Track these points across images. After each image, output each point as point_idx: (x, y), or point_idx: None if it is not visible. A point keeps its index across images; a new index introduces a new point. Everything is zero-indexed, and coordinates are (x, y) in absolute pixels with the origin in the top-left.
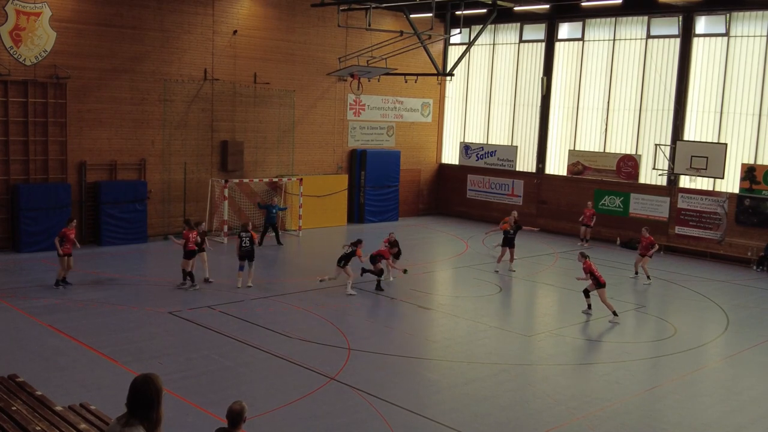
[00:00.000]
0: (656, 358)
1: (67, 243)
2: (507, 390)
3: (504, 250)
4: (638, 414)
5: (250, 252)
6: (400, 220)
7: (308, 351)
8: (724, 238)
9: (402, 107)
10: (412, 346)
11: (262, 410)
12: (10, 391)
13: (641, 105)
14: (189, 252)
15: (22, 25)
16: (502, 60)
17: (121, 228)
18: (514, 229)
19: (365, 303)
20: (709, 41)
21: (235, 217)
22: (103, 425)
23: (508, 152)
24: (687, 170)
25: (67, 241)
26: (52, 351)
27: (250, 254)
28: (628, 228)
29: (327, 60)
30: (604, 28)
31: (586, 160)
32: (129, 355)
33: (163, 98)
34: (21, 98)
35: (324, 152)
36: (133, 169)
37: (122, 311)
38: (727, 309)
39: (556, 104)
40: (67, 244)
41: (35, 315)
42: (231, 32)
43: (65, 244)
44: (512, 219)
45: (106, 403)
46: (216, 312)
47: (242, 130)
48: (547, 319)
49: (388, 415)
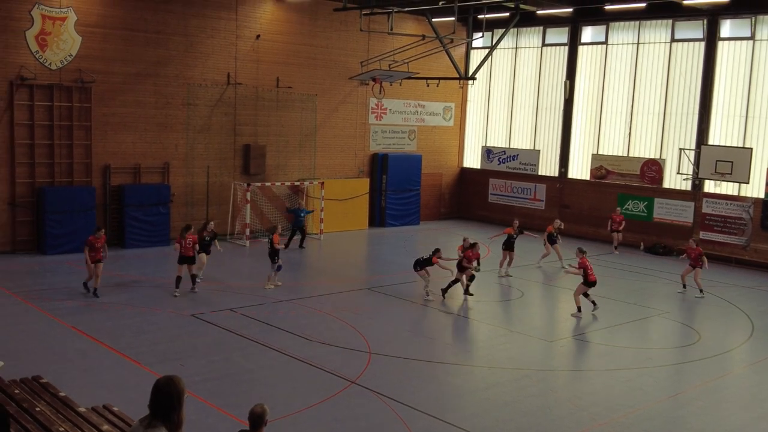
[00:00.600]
0: (680, 364)
1: (93, 251)
2: (529, 395)
3: (505, 254)
4: (661, 421)
5: (269, 255)
6: (422, 224)
7: (329, 354)
8: (749, 243)
9: (424, 111)
10: (433, 350)
11: (282, 413)
12: (34, 392)
13: (665, 109)
14: (181, 257)
15: (48, 30)
16: (525, 64)
17: (144, 231)
18: (517, 234)
19: (386, 307)
20: (734, 45)
21: (257, 221)
22: (126, 427)
23: (530, 156)
24: (712, 175)
25: (93, 250)
26: (75, 352)
27: (270, 257)
28: (651, 233)
29: (349, 64)
30: (627, 32)
31: (610, 165)
32: (152, 357)
33: (187, 102)
34: (46, 102)
35: (345, 156)
36: (156, 173)
37: (145, 313)
38: (752, 315)
39: (579, 108)
40: (92, 252)
41: (59, 317)
42: (254, 37)
43: (92, 252)
44: (515, 224)
45: (128, 404)
46: (238, 315)
47: (264, 134)
48: (569, 324)
49: (409, 420)
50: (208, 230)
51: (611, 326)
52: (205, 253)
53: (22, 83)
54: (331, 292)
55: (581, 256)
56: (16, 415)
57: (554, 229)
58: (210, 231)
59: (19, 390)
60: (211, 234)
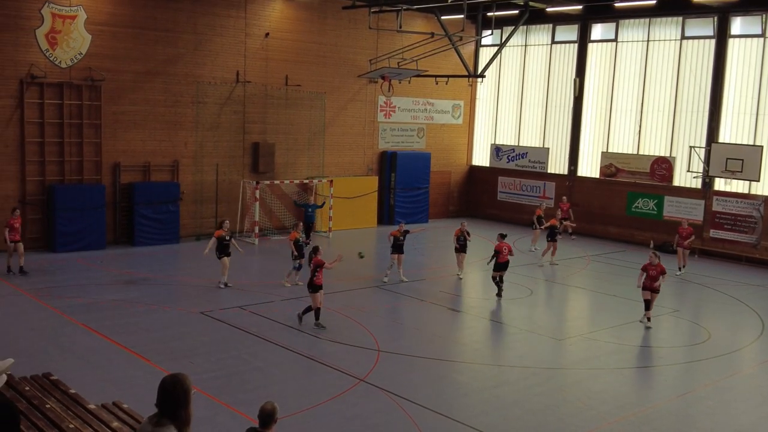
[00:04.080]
0: (690, 363)
1: (12, 232)
2: (537, 394)
3: (549, 244)
4: (671, 419)
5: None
6: (430, 222)
7: (338, 352)
8: (759, 241)
9: (433, 109)
10: (442, 349)
11: (291, 411)
12: (44, 389)
13: (675, 107)
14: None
15: (58, 28)
16: (534, 61)
17: (154, 228)
18: (561, 224)
19: (394, 305)
20: (745, 42)
21: (266, 219)
22: (136, 424)
23: (539, 154)
24: (722, 173)
25: (13, 231)
26: (85, 350)
27: (293, 253)
28: (661, 231)
29: (358, 62)
30: (637, 29)
31: (620, 162)
32: (161, 354)
33: (196, 100)
34: (56, 100)
35: (354, 154)
36: (166, 171)
37: (155, 311)
38: (763, 314)
39: (589, 106)
40: (12, 233)
41: (70, 314)
42: (263, 35)
43: (11, 233)
44: (558, 215)
45: (138, 401)
46: (247, 312)
47: (273, 132)
48: (578, 322)
49: (417, 418)
50: (225, 229)
51: (620, 324)
52: (226, 256)
53: (32, 81)
54: (340, 290)
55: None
56: (26, 412)
57: (557, 221)
58: (227, 230)
59: (30, 387)
60: (228, 233)
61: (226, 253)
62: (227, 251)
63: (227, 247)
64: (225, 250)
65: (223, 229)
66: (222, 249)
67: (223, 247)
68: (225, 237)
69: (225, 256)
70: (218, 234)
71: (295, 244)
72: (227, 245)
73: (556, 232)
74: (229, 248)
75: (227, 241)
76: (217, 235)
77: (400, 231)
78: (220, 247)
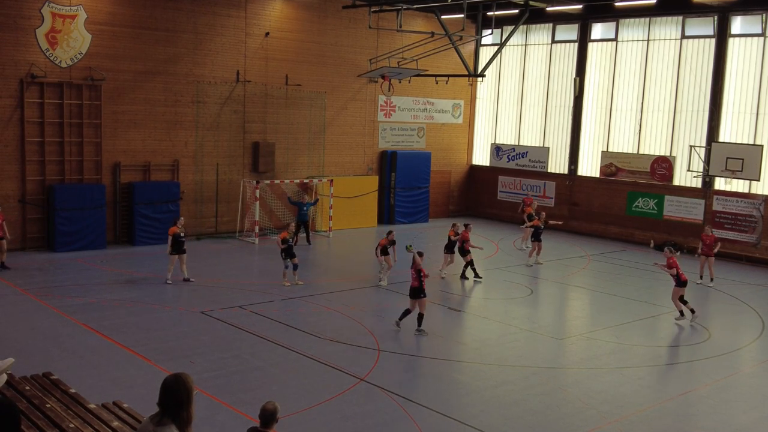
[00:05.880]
0: (690, 362)
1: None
2: (537, 393)
3: (534, 245)
4: (671, 419)
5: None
6: (431, 222)
7: (338, 352)
8: (759, 241)
9: (433, 108)
10: (442, 348)
11: (292, 410)
12: (44, 388)
13: (676, 106)
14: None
15: (58, 28)
16: (534, 61)
17: (154, 228)
18: (544, 225)
19: (395, 304)
20: (745, 41)
21: (267, 218)
22: (136, 423)
23: (539, 153)
24: (722, 172)
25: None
26: (86, 349)
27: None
28: (661, 230)
29: (358, 62)
30: (637, 29)
31: (620, 162)
32: (161, 354)
33: (196, 100)
34: (56, 100)
35: (354, 153)
36: (166, 170)
37: (155, 310)
38: (763, 313)
39: (589, 105)
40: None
41: (70, 314)
42: (263, 34)
43: None
44: (543, 216)
45: (138, 401)
46: (247, 312)
47: (273, 132)
48: (578, 322)
49: (417, 417)
50: (179, 226)
51: (621, 324)
52: (180, 253)
53: (32, 81)
54: (340, 290)
55: (671, 255)
56: (26, 412)
57: (541, 222)
58: (181, 227)
59: (30, 386)
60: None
61: (180, 251)
62: (182, 248)
63: (182, 244)
64: (180, 247)
65: (177, 225)
66: (177, 246)
67: (179, 244)
68: (180, 234)
69: (178, 254)
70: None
71: (283, 244)
72: (182, 242)
73: (540, 232)
74: (184, 245)
75: (182, 238)
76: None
77: (389, 240)
78: (176, 243)
